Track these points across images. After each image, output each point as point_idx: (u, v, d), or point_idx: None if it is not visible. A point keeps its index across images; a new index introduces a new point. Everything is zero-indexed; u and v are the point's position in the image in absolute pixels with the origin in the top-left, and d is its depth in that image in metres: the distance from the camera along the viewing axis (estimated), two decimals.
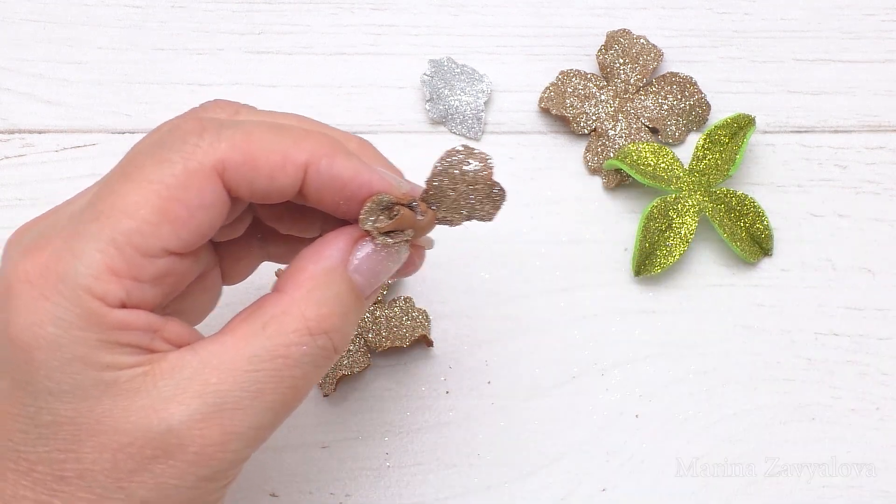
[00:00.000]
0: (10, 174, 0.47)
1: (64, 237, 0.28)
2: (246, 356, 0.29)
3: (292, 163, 0.30)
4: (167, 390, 0.28)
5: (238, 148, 0.29)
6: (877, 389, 0.44)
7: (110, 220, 0.28)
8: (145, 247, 0.28)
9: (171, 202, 0.28)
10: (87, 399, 0.28)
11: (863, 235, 0.47)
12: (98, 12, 0.50)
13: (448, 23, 0.51)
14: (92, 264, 0.27)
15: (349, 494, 0.42)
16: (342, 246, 0.31)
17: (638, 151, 0.47)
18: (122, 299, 0.28)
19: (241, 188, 0.30)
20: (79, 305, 0.27)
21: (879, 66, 0.50)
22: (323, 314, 0.30)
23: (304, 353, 0.29)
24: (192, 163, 0.29)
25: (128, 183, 0.28)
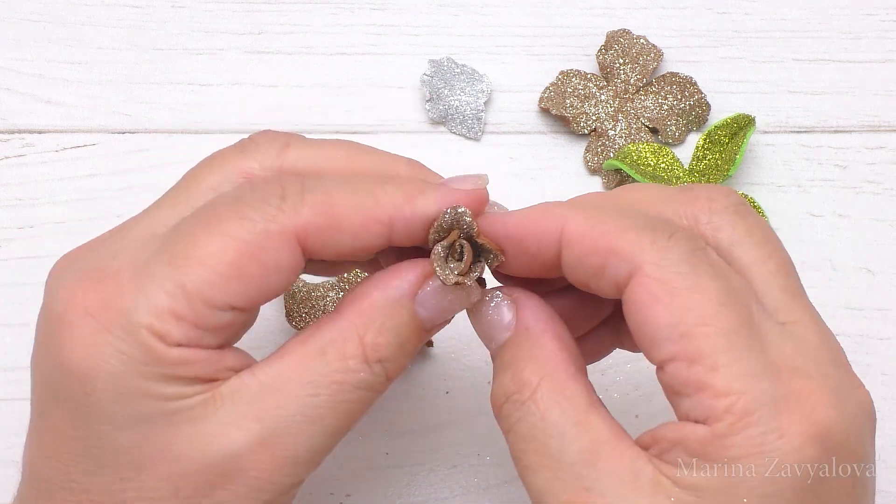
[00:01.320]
0: (10, 174, 0.47)
1: (131, 273, 0.28)
2: (304, 381, 0.29)
3: (375, 220, 0.29)
4: (227, 416, 0.28)
5: (320, 212, 0.29)
6: (877, 389, 0.44)
7: (183, 266, 0.28)
8: (212, 299, 0.28)
9: (246, 259, 0.28)
10: (149, 428, 0.28)
11: (863, 235, 0.47)
12: (98, 12, 0.50)
13: (448, 23, 0.51)
14: (156, 304, 0.27)
15: (349, 494, 0.42)
16: (412, 278, 0.30)
17: (638, 151, 0.47)
18: (180, 341, 0.28)
19: (326, 250, 0.29)
20: (138, 341, 0.27)
21: (879, 66, 0.50)
22: (380, 343, 0.30)
23: (361, 379, 0.29)
24: (273, 225, 0.28)
25: (206, 233, 0.28)
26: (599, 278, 0.29)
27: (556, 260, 0.30)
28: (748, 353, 0.27)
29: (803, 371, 0.27)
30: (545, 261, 0.30)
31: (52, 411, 0.29)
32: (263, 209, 0.28)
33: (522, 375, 0.29)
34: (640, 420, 0.44)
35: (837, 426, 0.27)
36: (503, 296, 0.31)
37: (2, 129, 0.48)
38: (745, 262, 0.29)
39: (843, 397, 0.28)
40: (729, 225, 0.30)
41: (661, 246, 0.28)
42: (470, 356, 0.45)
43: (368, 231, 0.29)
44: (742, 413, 0.26)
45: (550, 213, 0.30)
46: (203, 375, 0.28)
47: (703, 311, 0.27)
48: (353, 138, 0.49)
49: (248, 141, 0.32)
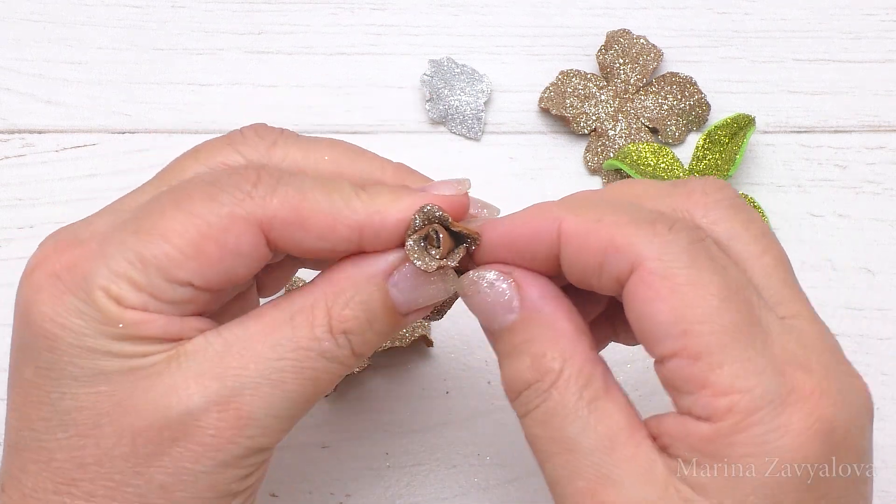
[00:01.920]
0: (10, 174, 0.47)
1: (99, 240, 0.29)
2: (270, 344, 0.29)
3: (344, 224, 0.29)
4: (188, 373, 0.28)
5: (289, 206, 0.29)
6: (877, 389, 0.44)
7: (146, 238, 0.28)
8: (169, 273, 0.28)
9: (207, 240, 0.28)
10: (110, 383, 0.28)
11: (863, 235, 0.47)
12: (98, 12, 0.50)
13: (448, 23, 0.51)
14: (114, 269, 0.28)
15: (349, 494, 0.42)
16: (389, 259, 0.30)
17: (638, 151, 0.47)
18: (136, 306, 0.28)
19: (289, 245, 0.30)
20: (94, 301, 0.28)
21: (879, 66, 0.50)
22: (346, 315, 0.30)
23: (326, 348, 0.29)
24: (238, 210, 0.29)
25: (175, 209, 0.29)
26: (599, 275, 0.29)
27: (555, 261, 0.30)
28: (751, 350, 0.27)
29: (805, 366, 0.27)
30: (544, 262, 0.30)
31: (22, 369, 0.29)
32: (233, 194, 0.29)
33: (544, 363, 0.29)
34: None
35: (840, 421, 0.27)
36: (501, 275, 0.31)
37: (2, 129, 0.48)
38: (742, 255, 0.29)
39: (844, 392, 0.28)
40: (725, 219, 0.30)
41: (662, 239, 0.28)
42: (470, 356, 0.45)
43: (335, 234, 0.29)
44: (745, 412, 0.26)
45: (546, 213, 0.30)
46: (165, 335, 0.29)
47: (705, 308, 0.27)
48: (352, 138, 0.50)
49: (237, 133, 0.32)
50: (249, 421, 0.28)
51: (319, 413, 0.43)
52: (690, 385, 0.27)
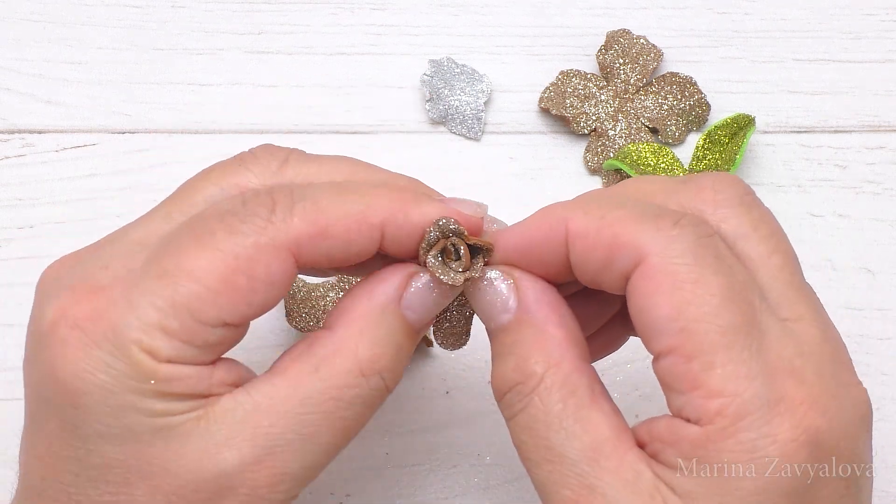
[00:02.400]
0: (10, 174, 0.47)
1: (122, 288, 0.28)
2: (298, 398, 0.28)
3: (367, 226, 0.29)
4: (220, 434, 0.28)
5: (310, 222, 0.29)
6: (877, 389, 0.44)
7: (173, 281, 0.27)
8: (203, 314, 0.28)
9: (237, 274, 0.28)
10: (139, 442, 0.28)
11: (863, 235, 0.47)
12: (98, 12, 0.50)
13: (448, 23, 0.51)
14: (146, 319, 0.27)
15: (349, 494, 0.42)
16: (396, 282, 0.30)
17: (638, 151, 0.47)
18: (170, 357, 0.28)
19: (319, 259, 0.29)
20: (127, 356, 0.27)
21: (879, 66, 0.50)
22: (376, 354, 0.29)
23: (356, 394, 0.29)
24: (263, 238, 0.28)
25: (197, 247, 0.28)
26: (608, 272, 0.29)
27: (566, 262, 0.30)
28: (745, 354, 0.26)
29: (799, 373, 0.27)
30: (555, 265, 0.30)
31: (44, 420, 0.29)
32: (254, 222, 0.28)
33: (527, 365, 0.29)
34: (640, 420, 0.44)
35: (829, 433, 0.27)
36: (502, 274, 0.31)
37: (2, 129, 0.48)
38: (749, 255, 0.29)
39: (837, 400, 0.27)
40: (734, 216, 0.30)
41: (667, 234, 0.27)
42: (470, 356, 0.45)
43: (360, 235, 0.29)
44: (734, 416, 0.26)
45: (552, 214, 0.30)
46: (195, 392, 0.28)
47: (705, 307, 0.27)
48: (352, 138, 0.50)
49: (247, 154, 0.32)
50: (283, 477, 0.28)
51: None
52: (683, 384, 0.27)
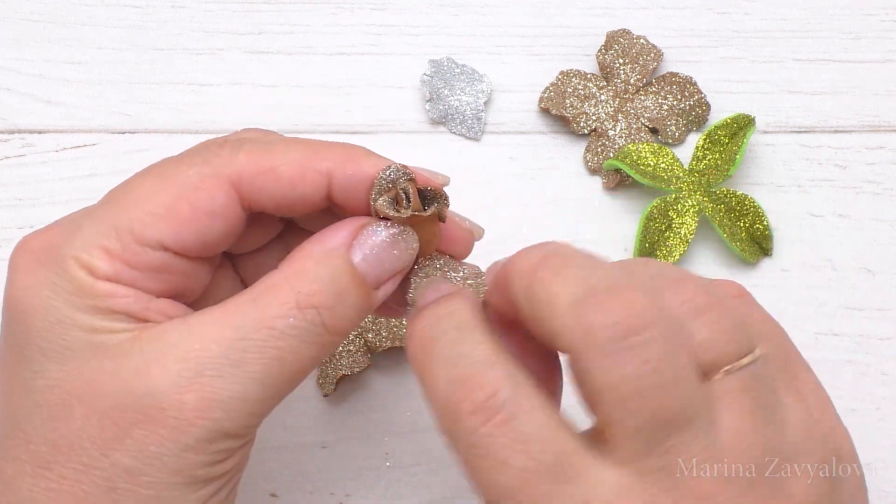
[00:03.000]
0: (10, 174, 0.47)
1: (72, 218, 0.30)
2: (232, 325, 0.29)
3: (313, 170, 0.30)
4: (151, 354, 0.28)
5: (256, 158, 0.30)
6: (877, 389, 0.44)
7: (117, 206, 0.29)
8: (142, 236, 0.29)
9: (178, 200, 0.29)
10: (77, 359, 0.28)
11: (863, 235, 0.47)
12: (98, 12, 0.50)
13: (448, 23, 0.51)
14: (86, 239, 0.29)
15: (349, 494, 0.42)
16: (347, 229, 0.30)
17: (638, 151, 0.47)
18: (109, 275, 0.29)
19: (262, 199, 0.30)
20: (66, 271, 0.28)
21: (879, 66, 0.50)
22: (313, 289, 0.29)
23: (290, 325, 0.29)
24: (207, 168, 0.29)
25: (143, 177, 0.30)
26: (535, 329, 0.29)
27: None
28: None
29: None
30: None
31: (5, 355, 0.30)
32: (200, 155, 0.30)
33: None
34: None
35: None
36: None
37: (2, 129, 0.48)
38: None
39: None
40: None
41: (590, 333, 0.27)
42: None
43: (305, 180, 0.30)
44: None
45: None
46: (132, 312, 0.29)
47: None
48: (352, 138, 0.50)
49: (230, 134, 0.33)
50: (211, 402, 0.28)
51: (319, 413, 0.43)
52: None
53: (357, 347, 0.43)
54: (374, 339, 0.43)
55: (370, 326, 0.43)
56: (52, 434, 0.28)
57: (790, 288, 0.46)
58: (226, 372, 0.28)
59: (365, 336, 0.43)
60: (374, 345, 0.43)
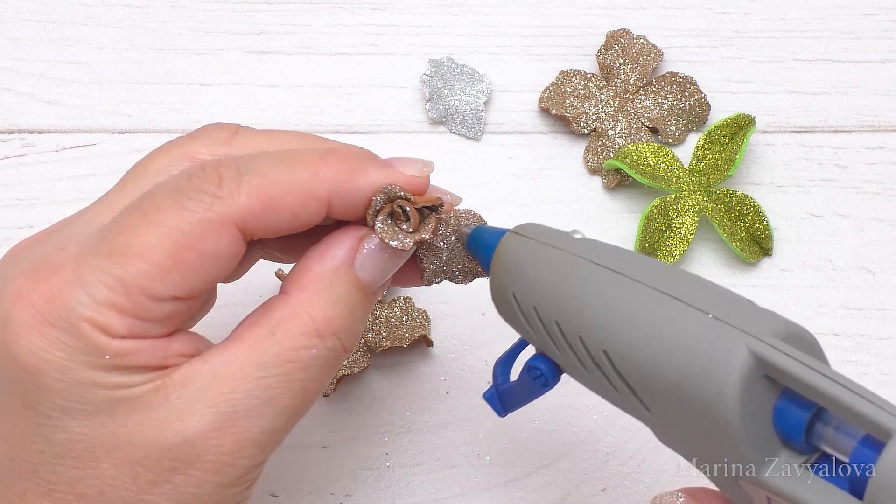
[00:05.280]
0: (10, 174, 0.47)
1: (73, 267, 0.28)
2: (255, 363, 0.29)
3: (314, 198, 0.30)
4: (180, 403, 0.28)
5: (257, 196, 0.29)
6: (877, 389, 0.44)
7: (122, 259, 0.28)
8: (153, 291, 0.28)
9: (185, 250, 0.28)
10: (100, 415, 0.28)
11: (863, 235, 0.47)
12: (98, 12, 0.50)
13: (448, 23, 0.51)
14: (96, 297, 0.28)
15: (349, 494, 0.42)
16: (348, 244, 0.30)
17: (638, 151, 0.47)
18: (123, 333, 0.28)
19: (266, 232, 0.30)
20: (80, 334, 0.28)
21: (879, 66, 0.50)
22: (330, 315, 0.30)
23: (314, 355, 0.29)
24: (210, 214, 0.29)
25: (145, 224, 0.28)
26: None
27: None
28: None
29: None
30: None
31: (6, 400, 0.29)
32: (201, 198, 0.29)
33: None
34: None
35: None
36: None
37: (2, 129, 0.48)
38: None
39: None
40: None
41: None
42: (470, 356, 0.45)
43: (307, 208, 0.30)
44: None
45: None
46: (151, 364, 0.29)
47: None
48: (352, 138, 0.50)
49: (198, 129, 0.33)
50: (247, 442, 0.29)
51: (319, 413, 0.43)
52: None
53: (357, 347, 0.43)
54: (374, 339, 0.43)
55: (370, 326, 0.44)
56: (80, 484, 0.28)
57: (790, 288, 0.46)
58: (257, 412, 0.29)
59: (365, 336, 0.43)
60: (374, 345, 0.43)
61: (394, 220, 0.31)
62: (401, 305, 0.44)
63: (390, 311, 0.44)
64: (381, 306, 0.44)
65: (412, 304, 0.44)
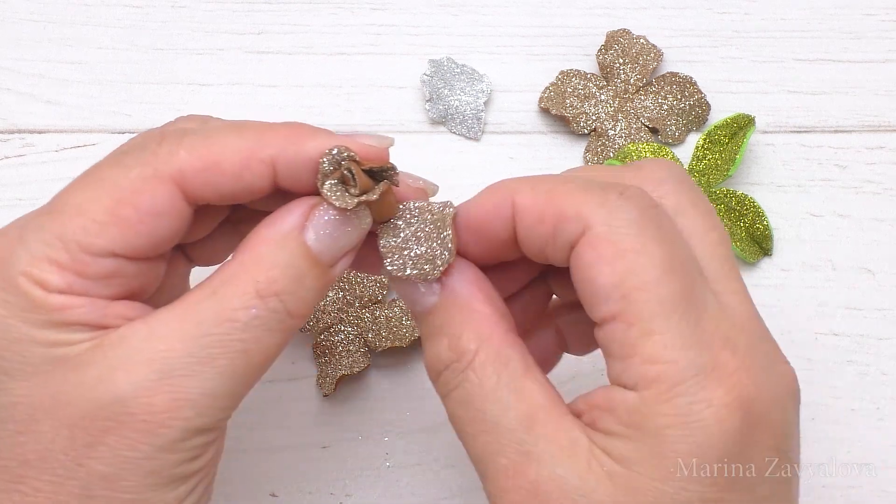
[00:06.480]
0: (10, 174, 0.47)
1: (18, 230, 0.29)
2: (194, 321, 0.28)
3: (257, 159, 0.29)
4: (115, 360, 0.28)
5: (198, 154, 0.29)
6: (877, 389, 0.44)
7: (60, 216, 0.28)
8: (90, 245, 0.28)
9: (121, 204, 0.28)
10: (39, 374, 0.28)
11: (863, 235, 0.47)
12: (98, 12, 0.50)
13: (448, 23, 0.51)
14: (33, 252, 0.28)
15: (349, 494, 0.42)
16: (298, 211, 0.30)
17: (638, 151, 0.47)
18: (62, 288, 0.28)
19: (207, 193, 0.29)
20: (17, 288, 0.28)
21: (879, 66, 0.50)
22: (273, 276, 0.29)
23: (254, 315, 0.29)
24: (147, 169, 0.29)
25: (83, 182, 0.29)
26: (554, 244, 0.29)
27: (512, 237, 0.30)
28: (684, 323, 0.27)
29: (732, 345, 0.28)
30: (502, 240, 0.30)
31: None
32: (140, 155, 0.29)
33: (460, 344, 0.29)
34: None
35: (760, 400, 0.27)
36: None
37: (2, 129, 0.48)
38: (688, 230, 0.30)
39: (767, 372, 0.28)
40: (674, 193, 0.30)
41: (612, 205, 0.28)
42: None
43: (250, 171, 0.29)
44: (671, 382, 0.27)
45: (500, 190, 0.30)
46: (89, 321, 0.28)
47: (647, 276, 0.27)
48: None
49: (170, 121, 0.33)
50: (182, 402, 0.28)
51: (319, 413, 0.43)
52: (623, 350, 0.27)
53: (357, 347, 0.43)
54: (374, 339, 0.43)
55: (370, 326, 0.44)
56: (21, 449, 0.28)
57: (790, 288, 0.46)
58: (193, 370, 0.28)
59: (365, 336, 0.43)
60: (374, 345, 0.43)
61: (344, 186, 0.30)
62: (401, 305, 0.44)
63: (390, 311, 0.44)
64: (380, 306, 0.44)
65: None
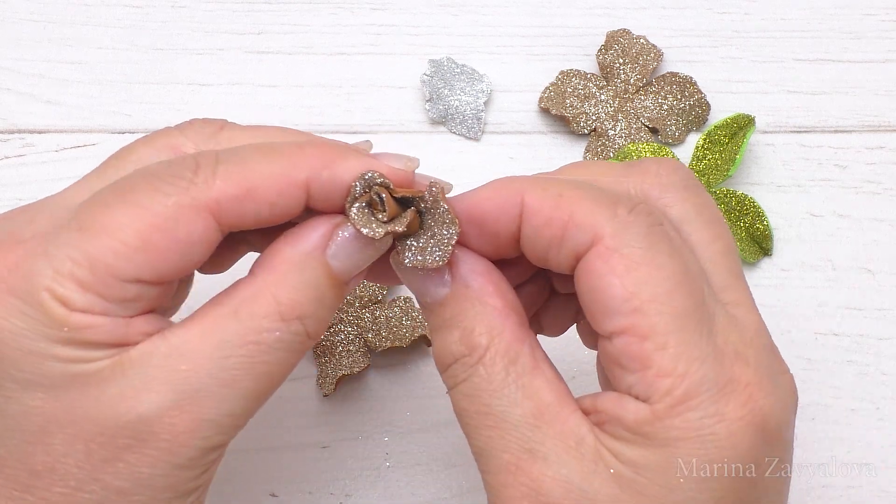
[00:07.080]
0: (10, 174, 0.47)
1: (41, 239, 0.28)
2: (216, 342, 0.28)
3: (293, 185, 0.29)
4: (136, 379, 0.28)
5: (234, 182, 0.28)
6: (877, 389, 0.44)
7: (90, 234, 0.28)
8: (118, 269, 0.28)
9: (155, 232, 0.28)
10: (55, 389, 0.27)
11: (863, 235, 0.47)
12: (98, 12, 0.50)
13: (448, 23, 0.51)
14: (59, 269, 0.27)
15: (349, 494, 0.42)
16: (322, 230, 0.30)
17: (638, 151, 0.47)
18: (84, 307, 0.28)
19: (243, 221, 0.29)
20: (39, 303, 0.27)
21: (879, 66, 0.50)
22: (296, 299, 0.29)
23: (277, 338, 0.29)
24: (185, 199, 0.28)
25: (117, 202, 0.28)
26: (559, 250, 0.29)
27: (514, 236, 0.30)
28: (696, 336, 0.27)
29: (743, 357, 0.28)
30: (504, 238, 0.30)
31: None
32: (176, 183, 0.28)
33: (472, 337, 0.29)
34: None
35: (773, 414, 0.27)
36: None
37: (2, 129, 0.48)
38: (693, 239, 0.30)
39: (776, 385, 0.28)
40: (679, 202, 0.30)
41: (623, 219, 0.28)
42: None
43: (285, 197, 0.29)
44: (683, 396, 0.27)
45: (508, 186, 0.30)
46: (110, 340, 0.28)
47: (659, 289, 0.27)
48: (352, 138, 0.50)
49: (186, 122, 0.32)
50: (203, 423, 0.28)
51: (319, 413, 0.44)
52: (635, 363, 0.27)
53: (357, 347, 0.43)
54: (374, 339, 0.43)
55: (370, 326, 0.44)
56: (30, 459, 0.28)
57: (790, 288, 0.46)
58: (215, 392, 0.28)
59: (365, 336, 0.43)
60: (374, 345, 0.43)
61: (371, 210, 0.30)
62: (401, 305, 0.44)
63: (390, 311, 0.44)
64: (380, 306, 0.44)
65: (412, 304, 0.44)
